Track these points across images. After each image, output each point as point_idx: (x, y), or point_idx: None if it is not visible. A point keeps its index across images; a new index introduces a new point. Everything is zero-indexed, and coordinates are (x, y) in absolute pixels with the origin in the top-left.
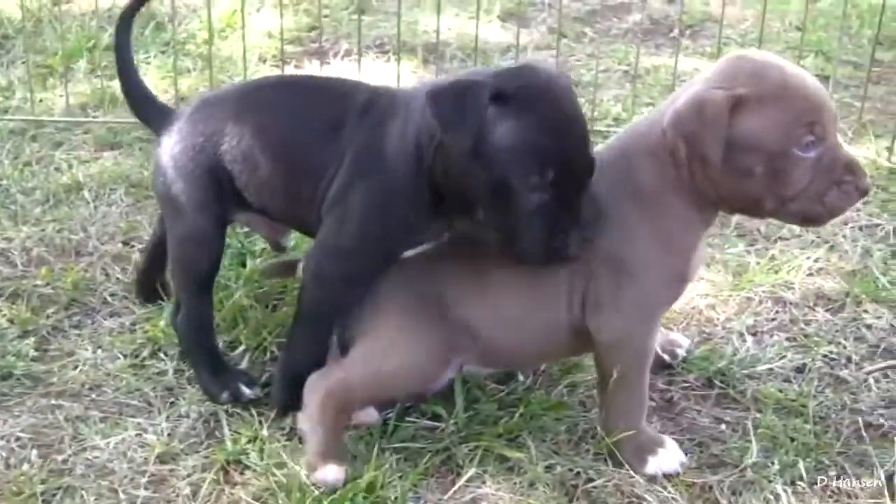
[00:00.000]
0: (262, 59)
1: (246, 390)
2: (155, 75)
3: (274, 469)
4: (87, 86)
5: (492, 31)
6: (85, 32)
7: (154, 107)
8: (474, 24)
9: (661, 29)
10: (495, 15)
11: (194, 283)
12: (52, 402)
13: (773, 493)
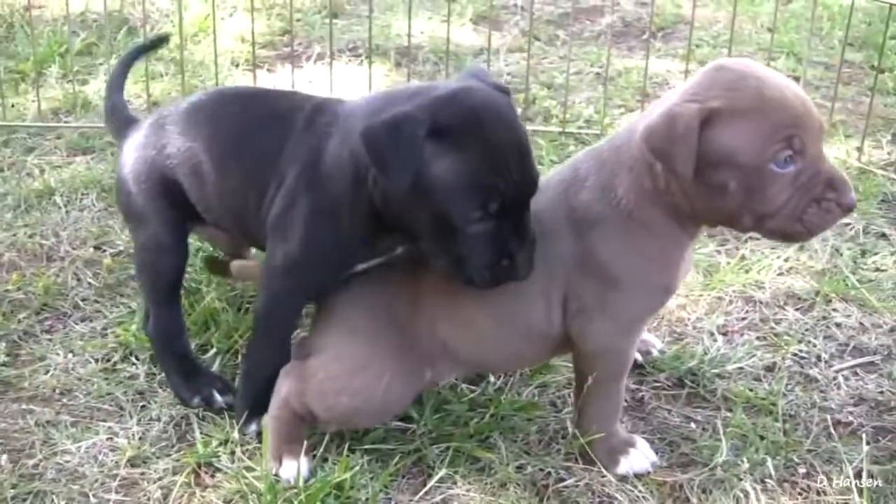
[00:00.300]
0: (234, 64)
1: (218, 397)
2: (127, 80)
3: (245, 472)
4: (59, 91)
5: (464, 35)
6: (57, 38)
7: (122, 114)
8: (446, 28)
9: (634, 31)
10: (468, 18)
11: (160, 291)
12: (22, 406)
13: (743, 492)
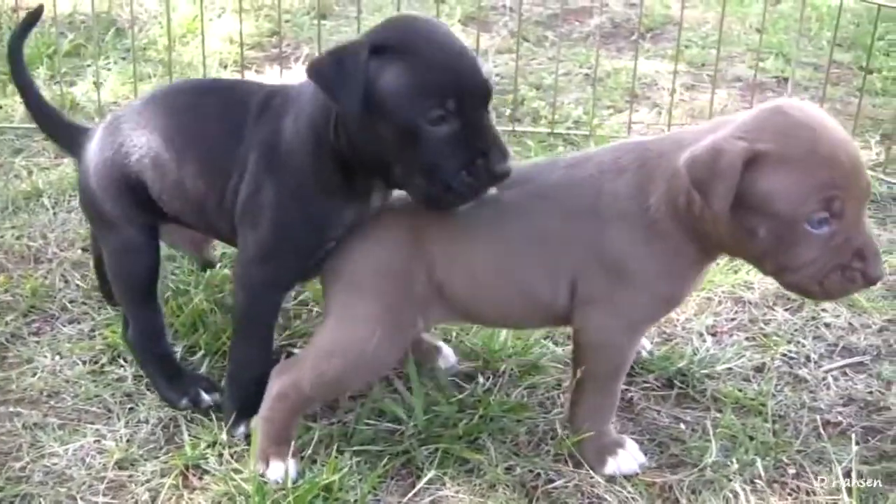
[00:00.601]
0: (223, 65)
1: (205, 396)
2: (115, 81)
3: (233, 474)
4: (48, 92)
5: None
6: (44, 39)
7: (61, 125)
8: None
9: (623, 32)
10: (456, 19)
11: (136, 294)
12: (10, 409)
13: (733, 492)
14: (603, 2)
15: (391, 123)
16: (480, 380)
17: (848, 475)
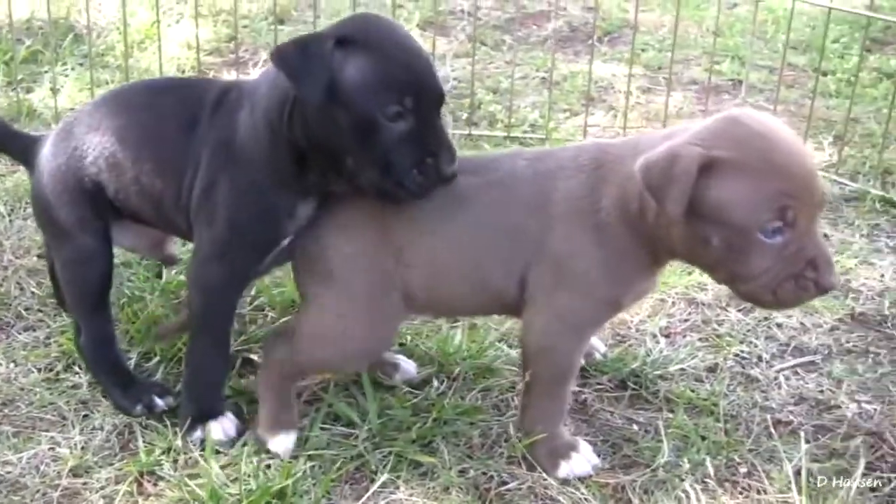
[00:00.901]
0: (180, 70)
1: (159, 401)
2: (73, 88)
3: (187, 479)
4: (4, 99)
5: None
6: (1, 45)
7: (10, 136)
8: None
9: (580, 36)
10: (414, 24)
11: (89, 302)
12: None
13: (684, 492)
14: (560, 6)
15: (350, 115)
16: (435, 383)
17: (798, 473)
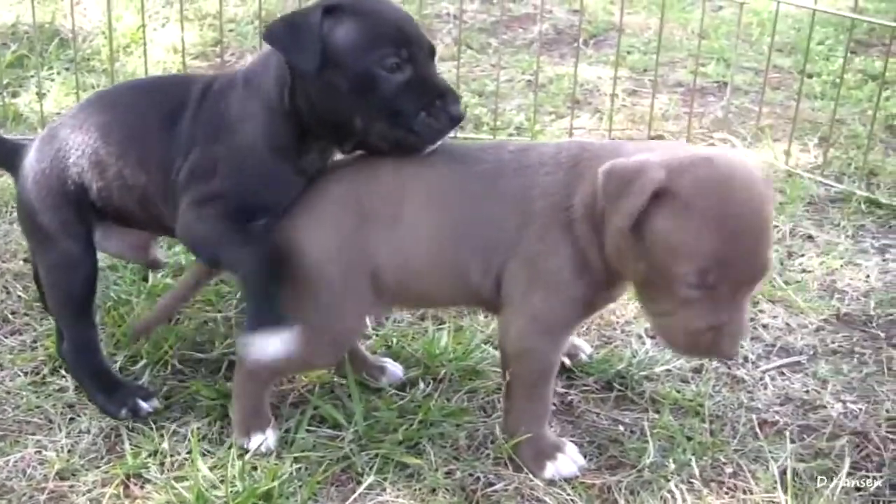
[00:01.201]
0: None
1: (144, 405)
2: (59, 92)
3: (174, 482)
4: None
5: None
6: None
7: None
8: None
9: (566, 38)
10: None
11: (72, 308)
12: None
13: (670, 492)
14: (546, 9)
15: (349, 75)
16: (421, 385)
17: (784, 473)
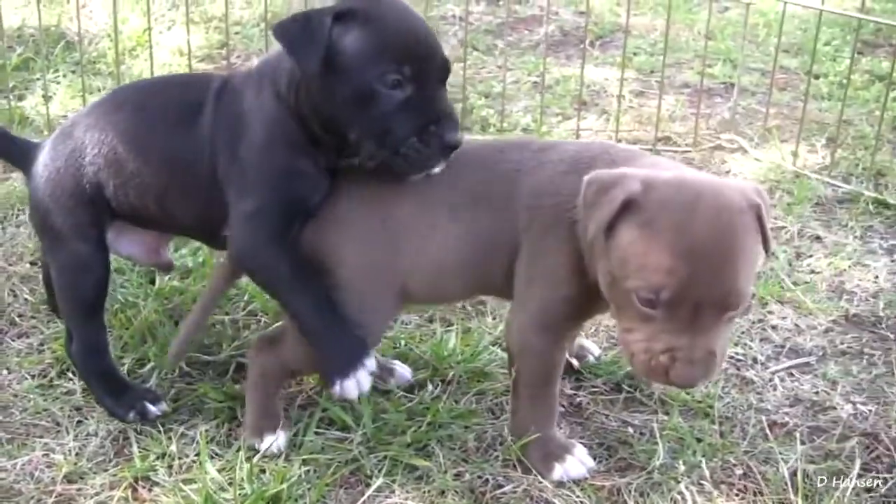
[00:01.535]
0: None
1: (152, 408)
2: (65, 95)
3: (182, 485)
4: None
5: None
6: None
7: (10, 141)
8: None
9: (572, 40)
10: None
11: (82, 309)
12: None
13: (680, 494)
14: (552, 10)
15: (349, 85)
16: (429, 387)
17: (794, 474)
